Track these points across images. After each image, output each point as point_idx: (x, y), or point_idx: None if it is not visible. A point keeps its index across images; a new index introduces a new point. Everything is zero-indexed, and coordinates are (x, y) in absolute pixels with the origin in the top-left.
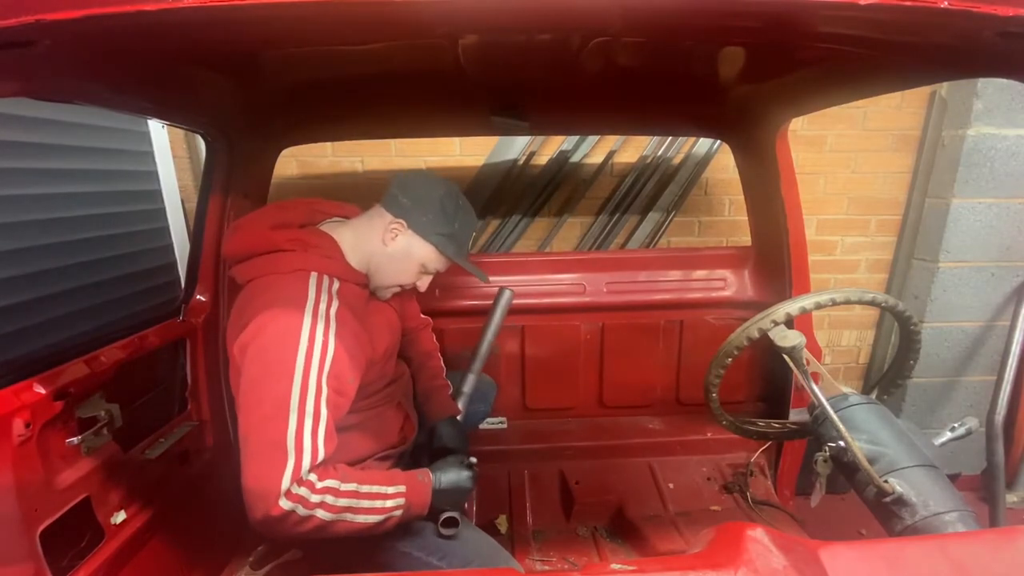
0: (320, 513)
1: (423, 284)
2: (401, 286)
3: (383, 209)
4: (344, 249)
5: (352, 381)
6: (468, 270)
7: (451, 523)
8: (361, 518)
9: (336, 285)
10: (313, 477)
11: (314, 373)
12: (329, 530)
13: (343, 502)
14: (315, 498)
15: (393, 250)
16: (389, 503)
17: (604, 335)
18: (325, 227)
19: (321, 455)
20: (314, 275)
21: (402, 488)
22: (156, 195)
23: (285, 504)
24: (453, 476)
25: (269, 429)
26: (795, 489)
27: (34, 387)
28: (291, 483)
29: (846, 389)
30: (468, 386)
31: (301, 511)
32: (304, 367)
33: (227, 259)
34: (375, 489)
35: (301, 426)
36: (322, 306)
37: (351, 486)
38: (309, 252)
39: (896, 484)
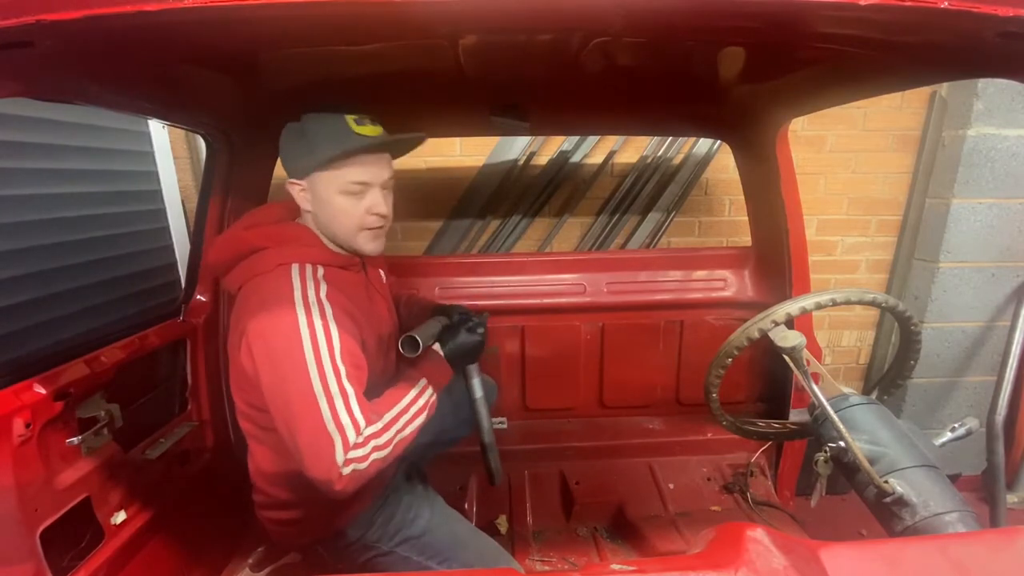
0: (376, 455)
1: (377, 205)
2: (365, 228)
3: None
4: (318, 233)
5: (361, 353)
6: (365, 145)
7: (411, 344)
8: (410, 429)
9: (321, 271)
10: (358, 439)
11: (326, 358)
12: (392, 456)
13: (387, 435)
14: (364, 451)
15: (315, 207)
16: (421, 401)
17: (604, 335)
18: (303, 220)
19: (362, 424)
20: (295, 266)
21: (423, 382)
22: (156, 195)
23: (346, 471)
24: (458, 338)
25: (307, 423)
26: (795, 489)
27: (34, 387)
28: (344, 457)
29: (846, 389)
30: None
31: (360, 467)
32: (314, 356)
33: (213, 269)
34: (404, 402)
35: (334, 408)
36: (310, 294)
37: (386, 418)
38: (286, 246)
39: (896, 484)
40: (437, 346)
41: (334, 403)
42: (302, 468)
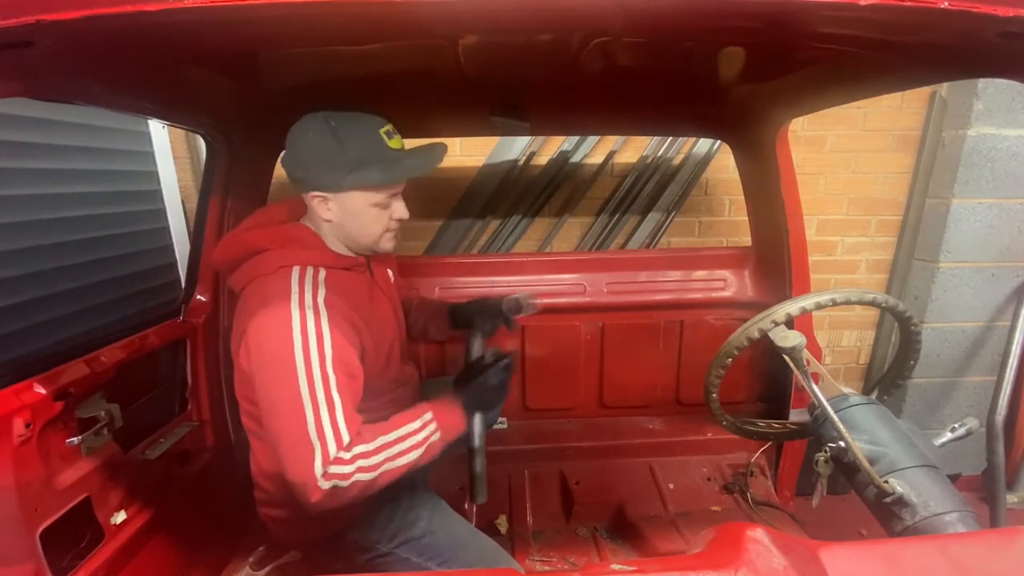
0: (359, 476)
1: (402, 211)
2: (386, 231)
3: (302, 195)
4: (324, 235)
5: (358, 363)
6: (410, 176)
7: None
8: (401, 460)
9: (322, 274)
10: (342, 454)
11: (316, 365)
12: (377, 484)
13: (376, 458)
14: (349, 468)
15: (341, 218)
16: (421, 435)
17: (604, 335)
18: (307, 221)
19: (345, 439)
20: (296, 268)
21: (428, 415)
22: (156, 195)
23: (324, 485)
24: (478, 381)
25: (291, 428)
26: (795, 489)
27: (34, 387)
28: (323, 469)
29: (846, 389)
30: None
31: (341, 484)
32: (305, 362)
33: (218, 269)
34: (402, 431)
35: (319, 418)
36: (307, 298)
37: (379, 441)
38: (288, 247)
39: (896, 484)
40: (454, 395)
41: (319, 412)
42: (284, 472)
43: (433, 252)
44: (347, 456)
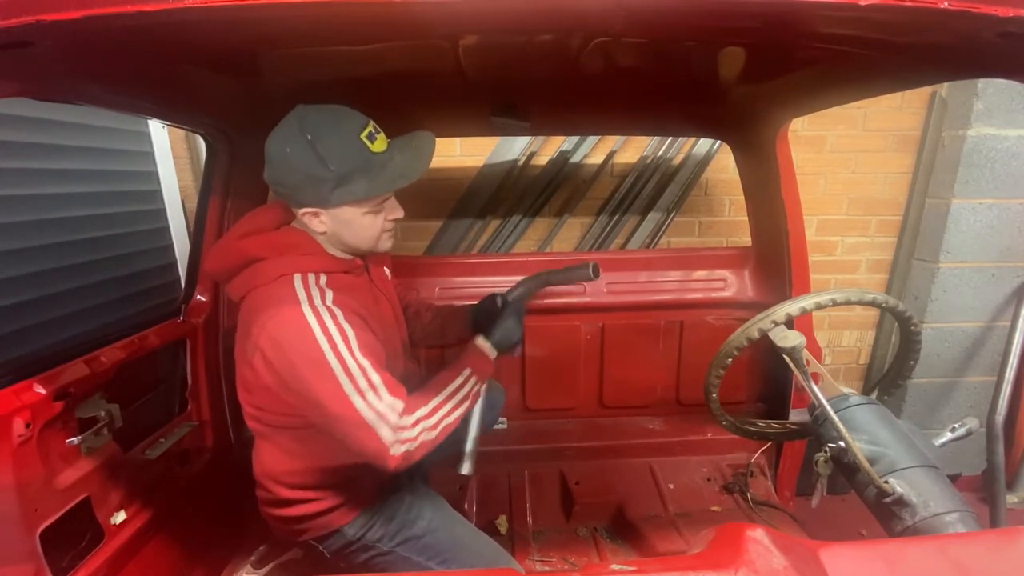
0: (424, 436)
1: (396, 210)
2: (383, 232)
3: (292, 209)
4: (320, 241)
5: (379, 344)
6: (398, 185)
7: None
8: (456, 414)
9: (324, 279)
10: (404, 420)
11: (348, 358)
12: (440, 438)
13: (434, 419)
14: (414, 432)
15: (335, 228)
16: (465, 388)
17: (604, 335)
18: (300, 224)
19: (399, 406)
20: (297, 276)
21: (467, 371)
22: (156, 195)
23: (398, 451)
24: (499, 324)
25: (345, 418)
26: (795, 489)
27: (34, 387)
28: (392, 439)
29: (846, 389)
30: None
31: (412, 447)
32: (337, 359)
33: (212, 277)
34: (449, 390)
35: (367, 400)
36: (316, 300)
37: (432, 403)
38: (285, 255)
39: (896, 485)
40: (481, 339)
41: (367, 398)
42: (357, 454)
43: (433, 252)
44: (410, 422)
